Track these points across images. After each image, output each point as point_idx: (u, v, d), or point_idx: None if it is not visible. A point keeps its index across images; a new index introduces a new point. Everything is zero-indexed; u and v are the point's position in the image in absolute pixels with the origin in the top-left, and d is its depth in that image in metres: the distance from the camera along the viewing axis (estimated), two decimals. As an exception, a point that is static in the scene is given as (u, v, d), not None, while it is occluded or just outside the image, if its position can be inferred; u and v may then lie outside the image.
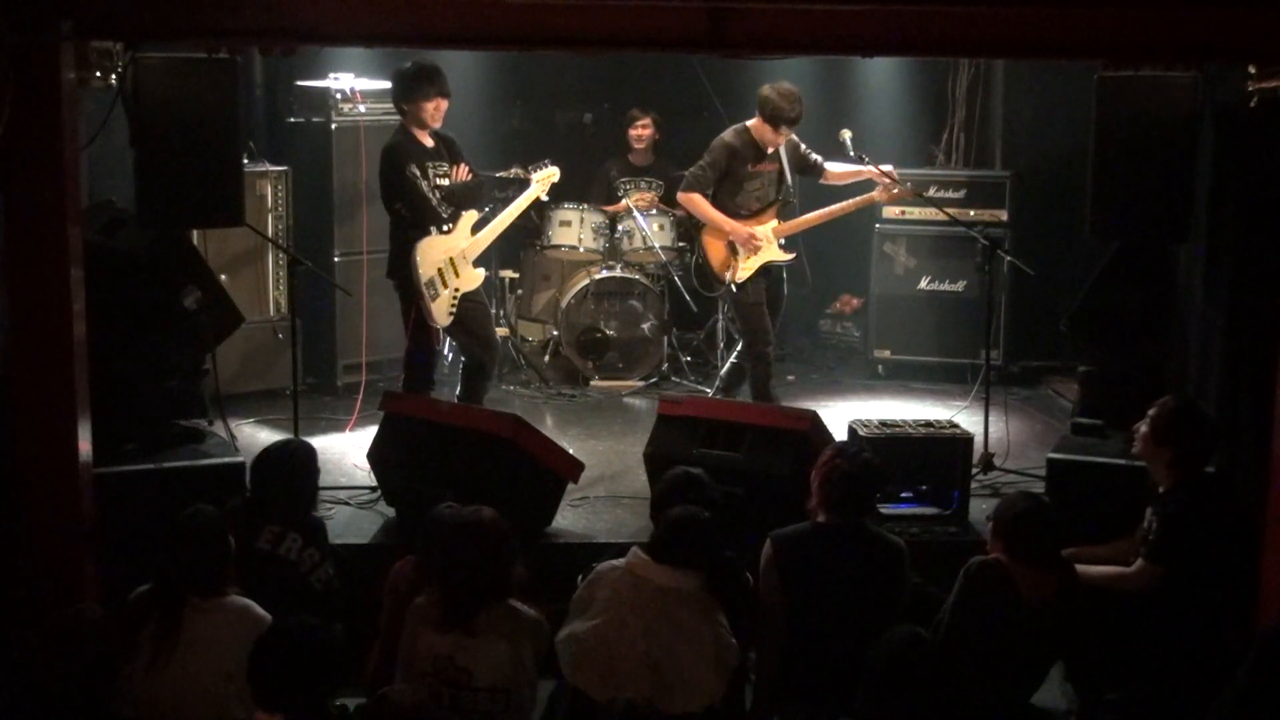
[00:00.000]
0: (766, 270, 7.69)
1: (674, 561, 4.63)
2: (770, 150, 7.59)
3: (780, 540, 4.98)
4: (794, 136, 7.67)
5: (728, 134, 7.66)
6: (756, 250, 7.62)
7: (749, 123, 7.58)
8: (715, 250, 7.75)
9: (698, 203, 7.69)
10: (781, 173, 7.67)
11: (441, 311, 7.25)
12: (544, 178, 7.60)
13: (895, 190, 7.82)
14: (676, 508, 4.79)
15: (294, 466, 5.45)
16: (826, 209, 7.82)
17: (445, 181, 7.30)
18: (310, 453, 5.59)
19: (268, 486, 5.39)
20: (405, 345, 7.41)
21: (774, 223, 7.67)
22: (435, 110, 7.22)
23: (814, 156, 7.76)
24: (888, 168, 7.79)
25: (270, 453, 5.52)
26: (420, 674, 4.49)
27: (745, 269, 7.65)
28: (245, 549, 5.10)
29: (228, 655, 4.48)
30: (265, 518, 5.23)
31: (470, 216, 7.42)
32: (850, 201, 7.83)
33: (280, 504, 5.31)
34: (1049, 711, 4.93)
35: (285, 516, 5.26)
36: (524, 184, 7.69)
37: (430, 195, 7.23)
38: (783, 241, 7.74)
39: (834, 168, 7.79)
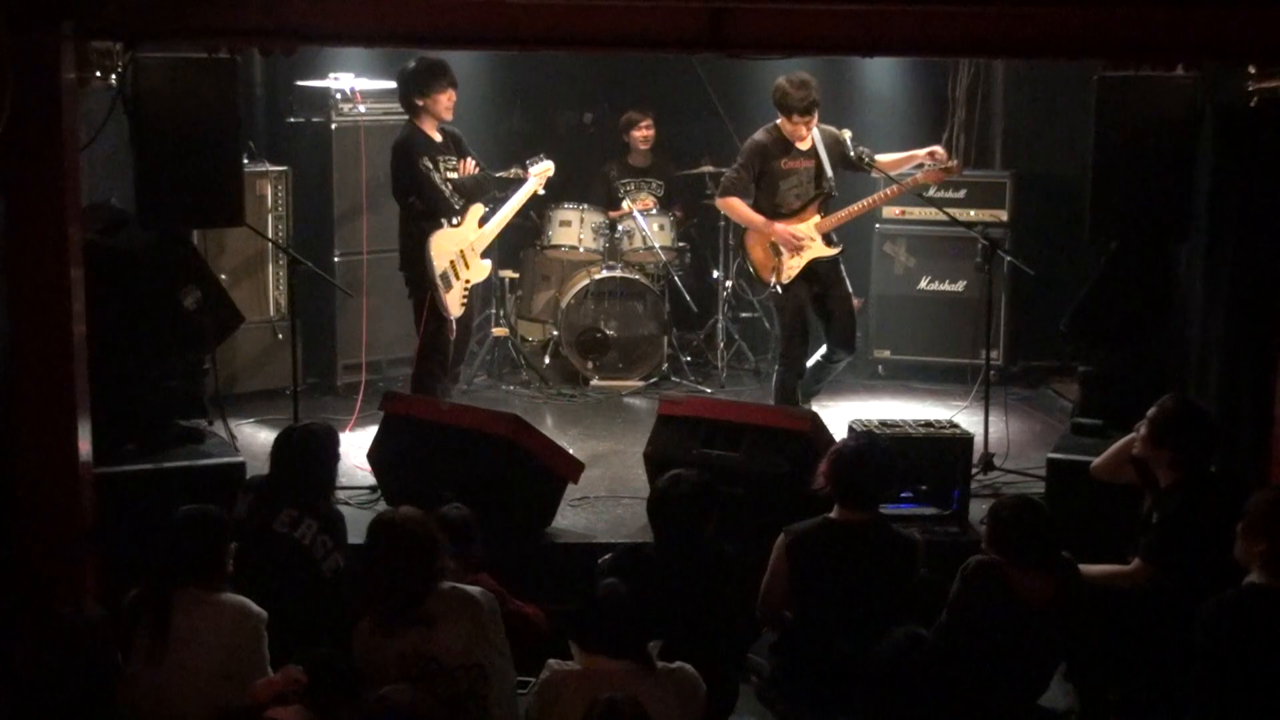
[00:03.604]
0: (814, 272, 7.46)
1: (619, 651, 4.35)
2: (803, 146, 7.38)
3: (794, 534, 5.01)
4: (837, 131, 7.47)
5: (758, 133, 7.49)
6: (800, 250, 7.42)
7: (778, 120, 7.40)
8: (758, 252, 7.53)
9: (735, 206, 7.53)
10: (820, 167, 7.41)
11: (455, 303, 7.37)
12: (540, 172, 7.69)
13: (940, 169, 7.50)
14: (599, 587, 4.54)
15: (312, 450, 5.44)
16: (868, 199, 7.64)
17: (454, 175, 7.40)
18: (329, 437, 5.57)
19: (286, 466, 5.40)
20: (417, 340, 7.39)
21: (816, 219, 7.42)
22: (449, 101, 7.33)
23: (860, 149, 7.48)
24: (935, 148, 7.63)
25: (291, 433, 5.52)
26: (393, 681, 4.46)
27: (791, 269, 7.42)
28: (262, 529, 5.15)
29: (225, 653, 4.50)
30: (283, 500, 5.26)
31: (477, 210, 7.51)
32: (892, 188, 7.63)
33: (297, 487, 5.33)
34: (1050, 711, 4.93)
35: (303, 501, 5.28)
36: (523, 182, 7.72)
37: (444, 187, 7.33)
38: (834, 237, 7.53)
39: (884, 158, 7.54)
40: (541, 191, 7.86)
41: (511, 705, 4.62)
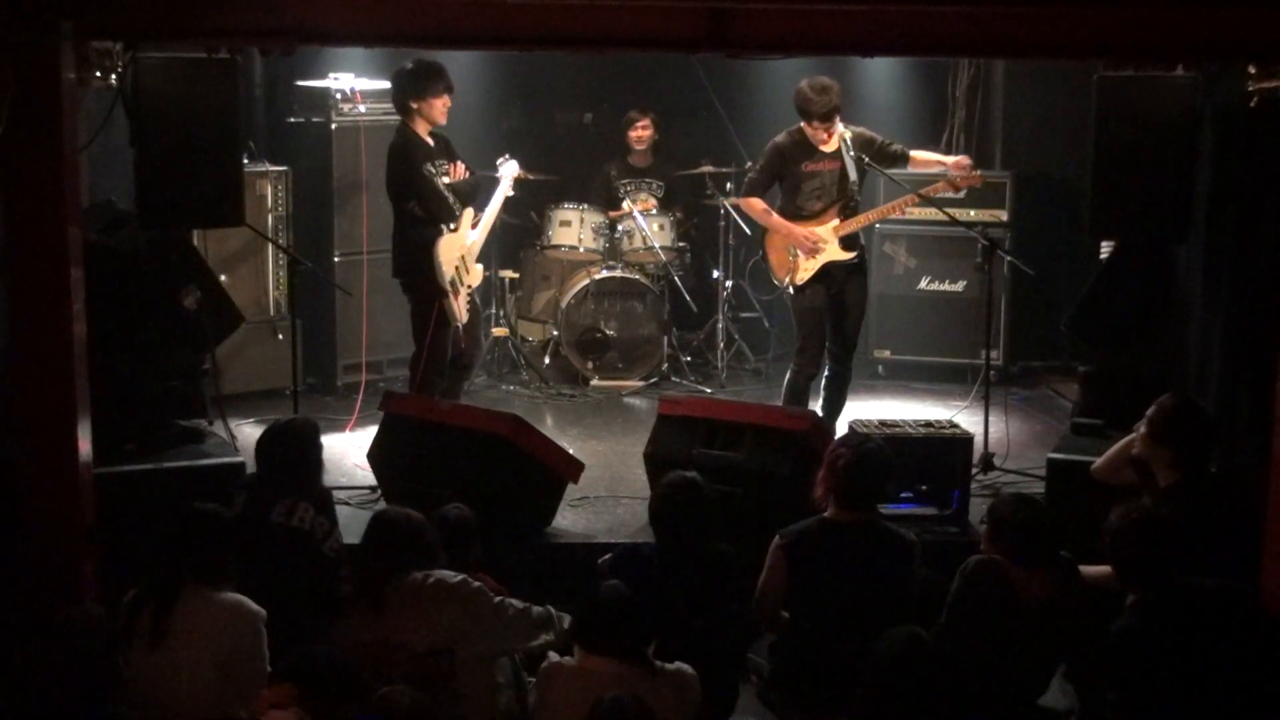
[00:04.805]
0: (829, 275, 7.34)
1: (620, 652, 4.39)
2: (827, 148, 7.24)
3: (790, 535, 5.00)
4: (867, 131, 7.37)
5: (780, 135, 7.37)
6: (816, 253, 7.29)
7: (801, 123, 7.25)
8: (775, 252, 7.43)
9: (754, 206, 7.46)
10: (844, 171, 7.27)
11: (461, 309, 7.33)
12: (510, 174, 7.70)
13: (961, 179, 7.37)
14: (601, 588, 4.59)
15: (300, 440, 5.48)
16: (888, 204, 7.55)
17: (447, 179, 7.33)
18: (314, 427, 5.63)
19: (276, 461, 5.42)
20: (421, 347, 7.24)
21: (835, 222, 7.28)
22: (444, 106, 7.24)
23: (895, 147, 7.38)
24: (962, 157, 7.59)
25: (275, 429, 5.56)
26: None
27: (805, 270, 7.31)
28: (259, 524, 5.16)
29: (222, 651, 4.51)
30: (277, 494, 5.27)
31: (469, 215, 7.44)
32: (910, 196, 7.48)
33: (290, 477, 5.35)
34: (1050, 711, 4.93)
35: (295, 489, 5.30)
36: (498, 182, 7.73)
37: (446, 193, 7.28)
38: (861, 238, 7.43)
39: (920, 155, 7.49)
40: (511, 193, 7.80)
41: (488, 692, 4.68)
